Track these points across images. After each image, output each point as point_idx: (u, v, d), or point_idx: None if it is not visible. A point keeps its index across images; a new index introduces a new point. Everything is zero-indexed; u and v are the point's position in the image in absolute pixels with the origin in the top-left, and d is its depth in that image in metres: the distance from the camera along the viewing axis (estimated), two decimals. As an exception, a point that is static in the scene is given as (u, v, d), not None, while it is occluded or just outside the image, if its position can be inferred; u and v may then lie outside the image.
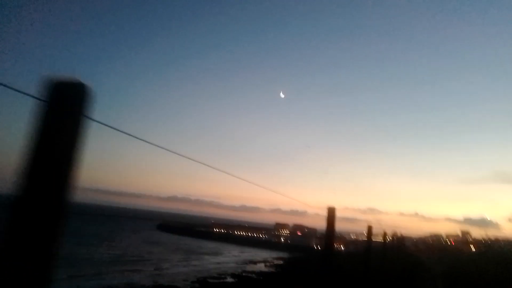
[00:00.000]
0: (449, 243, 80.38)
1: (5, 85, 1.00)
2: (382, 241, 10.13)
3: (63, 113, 0.92)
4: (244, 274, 27.49)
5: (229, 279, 24.87)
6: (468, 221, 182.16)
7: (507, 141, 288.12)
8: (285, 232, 75.59)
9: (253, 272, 28.58)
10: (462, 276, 11.06)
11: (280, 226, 77.59)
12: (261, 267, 34.38)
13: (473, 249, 54.95)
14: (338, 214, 3.39)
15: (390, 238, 17.85)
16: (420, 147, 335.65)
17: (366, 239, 5.69)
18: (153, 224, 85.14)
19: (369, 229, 5.87)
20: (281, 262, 36.70)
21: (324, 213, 3.38)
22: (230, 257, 43.77)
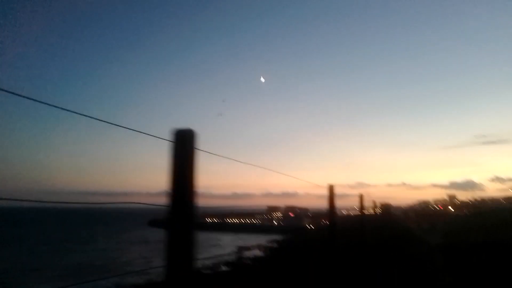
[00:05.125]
0: (437, 208, 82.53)
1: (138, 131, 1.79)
2: (373, 212, 9.74)
3: (185, 148, 1.52)
4: (238, 261, 27.13)
5: (224, 268, 24.44)
6: (454, 185, 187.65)
7: (485, 107, 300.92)
8: (278, 214, 75.89)
9: (247, 258, 28.25)
10: (462, 250, 10.09)
11: (272, 209, 77.86)
12: (255, 252, 34.15)
13: (463, 212, 56.29)
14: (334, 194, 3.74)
15: (379, 209, 17.39)
16: (403, 119, 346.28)
17: (359, 207, 5.31)
18: (144, 221, 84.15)
19: (361, 197, 5.46)
20: (275, 245, 36.57)
21: (318, 190, 3.53)
22: (225, 246, 43.50)
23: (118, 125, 1.73)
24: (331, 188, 3.67)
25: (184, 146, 1.51)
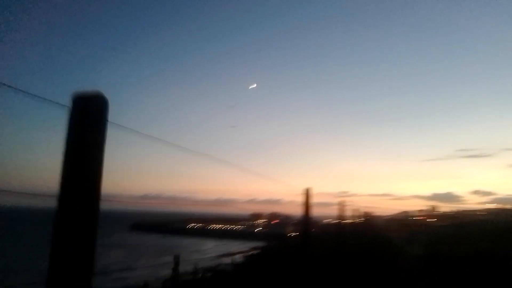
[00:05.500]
0: (418, 219, 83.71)
1: (34, 95, 1.27)
2: (354, 220, 9.71)
3: (88, 118, 1.05)
4: (219, 267, 26.68)
5: (204, 274, 23.99)
6: (436, 196, 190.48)
7: (466, 122, 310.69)
8: (262, 221, 75.57)
9: (228, 264, 27.84)
10: (441, 261, 10.02)
11: (256, 216, 77.38)
12: (236, 258, 33.75)
13: (442, 223, 57.21)
14: (313, 200, 3.66)
15: (361, 217, 17.46)
16: (387, 131, 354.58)
17: (339, 215, 5.24)
18: (125, 225, 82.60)
19: (341, 205, 5.37)
20: (257, 251, 36.31)
21: (299, 198, 3.49)
22: (206, 252, 42.92)
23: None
24: (307, 192, 3.51)
25: (87, 116, 1.06)
